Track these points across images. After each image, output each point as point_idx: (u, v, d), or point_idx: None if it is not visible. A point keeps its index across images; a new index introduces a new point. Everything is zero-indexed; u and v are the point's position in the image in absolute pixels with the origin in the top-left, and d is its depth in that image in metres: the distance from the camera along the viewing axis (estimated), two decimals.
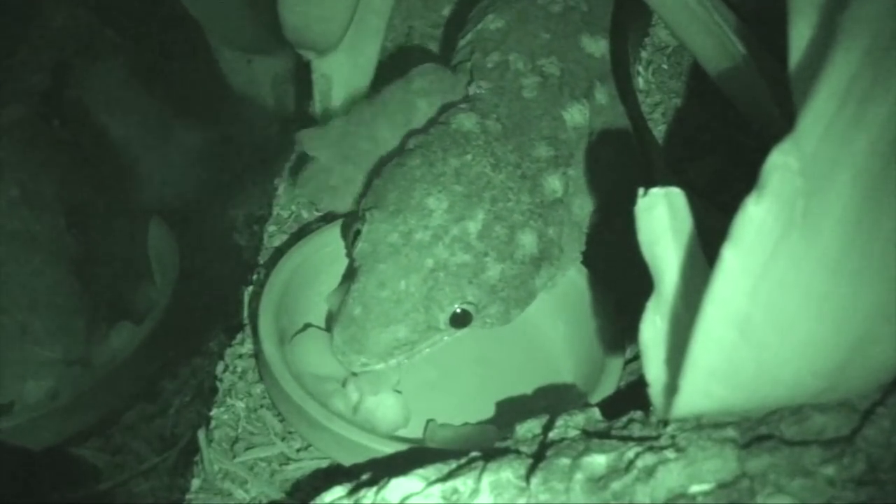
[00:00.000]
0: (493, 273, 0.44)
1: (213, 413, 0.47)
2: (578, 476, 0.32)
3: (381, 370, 0.44)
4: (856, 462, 0.30)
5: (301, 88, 0.59)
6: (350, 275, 0.46)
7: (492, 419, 0.46)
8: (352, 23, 0.55)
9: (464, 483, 0.33)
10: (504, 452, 0.34)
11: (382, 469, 0.36)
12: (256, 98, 0.56)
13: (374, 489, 0.34)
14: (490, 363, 0.49)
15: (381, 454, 0.43)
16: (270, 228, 0.55)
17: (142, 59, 0.45)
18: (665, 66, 0.64)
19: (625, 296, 0.47)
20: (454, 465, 0.34)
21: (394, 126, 0.50)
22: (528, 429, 0.36)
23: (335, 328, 0.44)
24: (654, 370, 0.32)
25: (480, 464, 0.34)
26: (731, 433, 0.32)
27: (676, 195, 0.30)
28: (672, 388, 0.30)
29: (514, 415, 0.39)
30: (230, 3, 0.52)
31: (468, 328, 0.45)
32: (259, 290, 0.49)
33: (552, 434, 0.35)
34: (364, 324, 0.43)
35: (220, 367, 0.49)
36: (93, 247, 0.44)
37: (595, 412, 0.36)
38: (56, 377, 0.42)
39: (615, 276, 0.50)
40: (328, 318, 0.49)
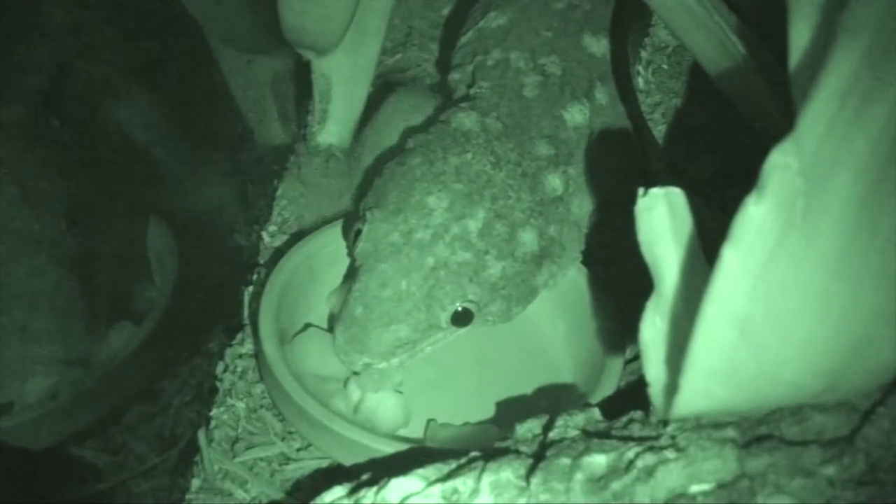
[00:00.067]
0: (494, 271, 0.44)
1: (213, 413, 0.47)
2: (578, 476, 0.32)
3: (384, 369, 0.44)
4: (856, 462, 0.30)
5: (301, 88, 0.59)
6: (351, 274, 0.46)
7: (492, 419, 0.46)
8: (352, 23, 0.55)
9: (464, 483, 0.33)
10: (504, 452, 0.34)
11: (382, 469, 0.36)
12: (256, 98, 0.56)
13: (374, 489, 0.34)
14: (490, 363, 0.49)
15: (382, 454, 0.43)
16: (270, 228, 0.55)
17: (142, 59, 0.45)
18: (665, 66, 0.64)
19: (625, 296, 0.47)
20: (454, 465, 0.34)
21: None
22: (528, 429, 0.36)
23: (337, 328, 0.44)
24: (654, 370, 0.32)
25: (480, 464, 0.34)
26: (731, 433, 0.32)
27: (676, 195, 0.30)
28: (672, 388, 0.30)
29: (514, 415, 0.39)
30: (230, 3, 0.52)
31: (470, 326, 0.45)
32: (259, 290, 0.49)
33: (552, 434, 0.35)
34: (366, 323, 0.43)
35: (220, 367, 0.49)
36: (93, 247, 0.44)
37: (595, 412, 0.36)
38: (56, 377, 0.42)
39: (615, 276, 0.50)
40: (329, 319, 0.49)
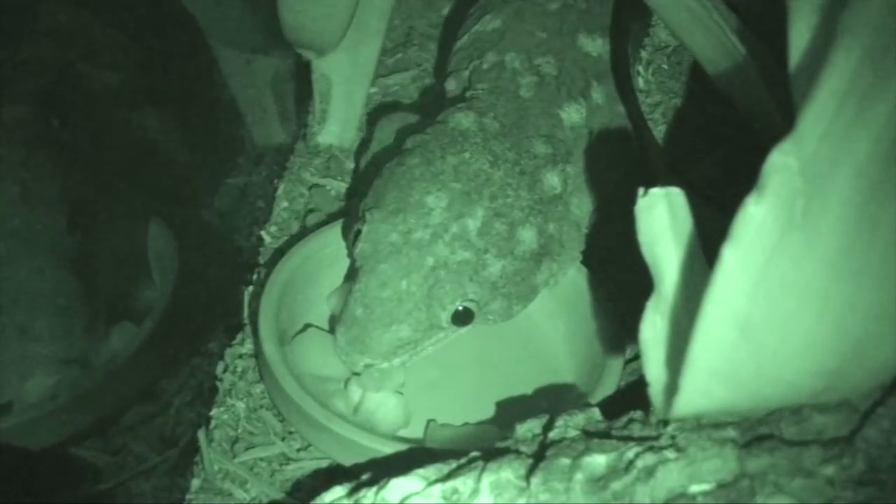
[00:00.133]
0: (494, 270, 0.44)
1: (213, 413, 0.47)
2: (578, 476, 0.32)
3: (385, 369, 0.44)
4: (856, 462, 0.30)
5: (301, 88, 0.59)
6: (351, 275, 0.46)
7: (492, 419, 0.46)
8: (352, 23, 0.55)
9: (464, 483, 0.33)
10: (504, 452, 0.34)
11: (382, 469, 0.36)
12: (256, 98, 0.56)
13: (374, 489, 0.34)
14: (490, 363, 0.49)
15: (382, 454, 0.43)
16: (271, 228, 0.55)
17: (142, 59, 0.45)
18: (665, 66, 0.64)
19: (625, 296, 0.47)
20: (454, 465, 0.34)
21: None
22: (528, 429, 0.36)
23: (338, 329, 0.44)
24: (654, 370, 0.32)
25: (480, 464, 0.34)
26: (731, 433, 0.32)
27: (676, 195, 0.30)
28: (672, 388, 0.30)
29: (515, 415, 0.39)
30: (230, 3, 0.52)
31: (471, 326, 0.45)
32: (259, 290, 0.49)
33: (552, 434, 0.35)
34: (367, 324, 0.43)
35: (220, 367, 0.49)
36: (93, 247, 0.44)
37: (595, 412, 0.36)
38: (56, 377, 0.42)
39: (615, 276, 0.50)
40: (330, 319, 0.49)
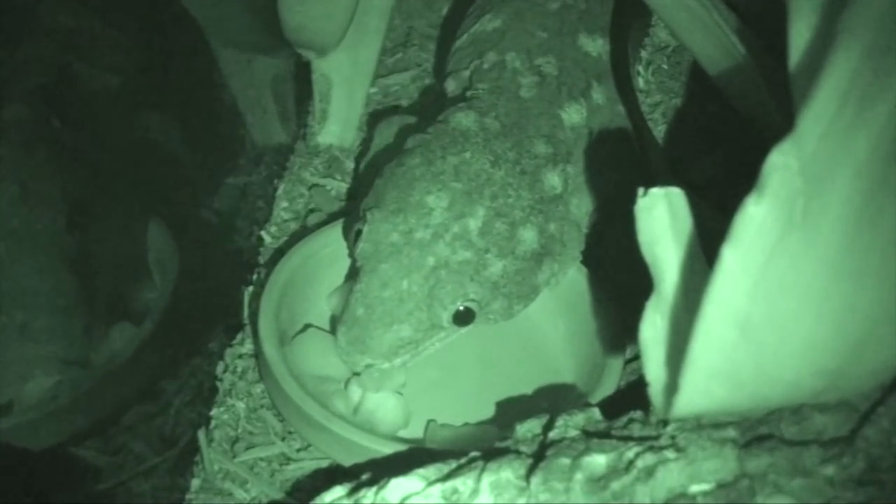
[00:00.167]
0: (495, 269, 0.44)
1: (213, 413, 0.47)
2: (578, 476, 0.32)
3: (385, 369, 0.44)
4: (856, 462, 0.30)
5: (301, 88, 0.59)
6: (352, 275, 0.46)
7: (492, 419, 0.46)
8: (352, 23, 0.55)
9: (464, 483, 0.33)
10: (504, 452, 0.34)
11: (382, 469, 0.36)
12: (256, 98, 0.56)
13: (374, 489, 0.34)
14: (490, 363, 0.49)
15: (382, 455, 0.43)
16: (271, 228, 0.55)
17: (142, 60, 0.45)
18: (665, 66, 0.64)
19: (625, 296, 0.47)
20: (454, 465, 0.34)
21: None
22: (528, 429, 0.36)
23: (339, 329, 0.44)
24: (654, 370, 0.32)
25: (480, 464, 0.34)
26: (731, 433, 0.32)
27: (676, 195, 0.30)
28: (672, 388, 0.30)
29: (515, 415, 0.39)
30: (230, 3, 0.52)
31: (472, 325, 0.45)
32: (259, 290, 0.49)
33: (552, 434, 0.35)
34: (368, 324, 0.43)
35: (220, 367, 0.49)
36: (92, 247, 0.44)
37: (595, 412, 0.36)
38: (56, 377, 0.42)
39: (615, 276, 0.50)
40: (331, 319, 0.49)
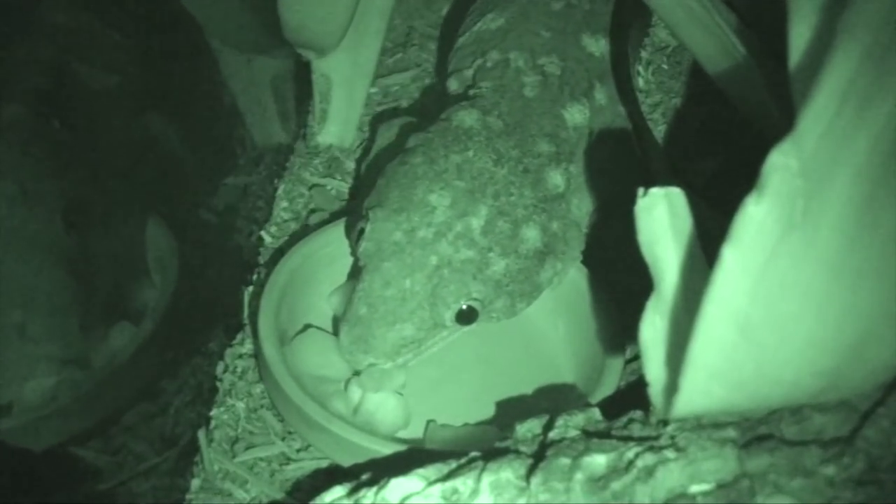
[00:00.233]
0: (498, 268, 0.44)
1: (213, 413, 0.47)
2: (578, 476, 0.32)
3: (385, 369, 0.44)
4: (856, 462, 0.30)
5: (301, 88, 0.59)
6: (354, 274, 0.46)
7: (492, 419, 0.46)
8: (352, 23, 0.55)
9: (464, 483, 0.33)
10: (504, 452, 0.34)
11: (382, 469, 0.36)
12: (256, 98, 0.56)
13: (374, 489, 0.34)
14: (490, 363, 0.49)
15: (382, 455, 0.43)
16: (271, 228, 0.55)
17: (141, 59, 0.45)
18: (665, 66, 0.64)
19: (625, 296, 0.47)
20: (454, 465, 0.34)
21: None
22: (528, 429, 0.36)
23: (342, 328, 0.44)
24: (654, 370, 0.32)
25: (480, 464, 0.34)
26: (731, 433, 0.32)
27: (676, 195, 0.30)
28: (672, 388, 0.30)
29: (515, 415, 0.39)
30: (230, 3, 0.52)
31: (474, 325, 0.45)
32: (259, 290, 0.49)
33: (552, 434, 0.35)
34: (370, 323, 0.43)
35: (220, 367, 0.49)
36: (91, 247, 0.44)
37: (595, 412, 0.36)
38: (55, 378, 0.42)
39: (615, 276, 0.50)
40: (333, 320, 0.49)
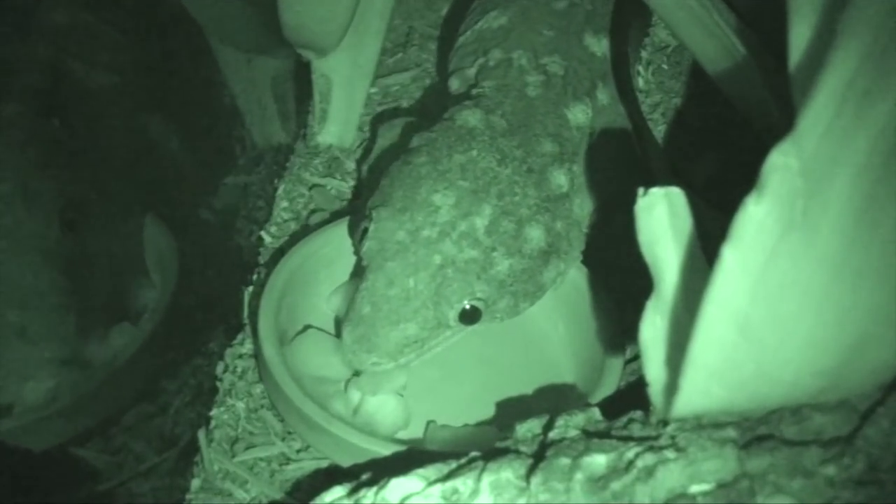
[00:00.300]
0: (502, 268, 0.44)
1: (213, 413, 0.47)
2: (578, 476, 0.32)
3: (383, 372, 0.44)
4: (856, 462, 0.30)
5: (301, 88, 0.59)
6: (357, 274, 0.46)
7: (492, 419, 0.46)
8: (352, 23, 0.55)
9: (464, 483, 0.33)
10: (504, 452, 0.34)
11: (382, 469, 0.36)
12: (256, 98, 0.56)
13: (375, 489, 0.34)
14: (490, 364, 0.49)
15: (381, 456, 0.43)
16: (271, 228, 0.55)
17: (141, 59, 0.45)
18: (665, 66, 0.64)
19: (625, 296, 0.47)
20: (454, 465, 0.34)
21: None
22: (528, 429, 0.36)
23: (345, 328, 0.43)
24: (654, 370, 0.32)
25: (480, 464, 0.34)
26: (731, 433, 0.32)
27: (676, 195, 0.30)
28: (672, 388, 0.30)
29: (515, 415, 0.39)
30: (230, 3, 0.52)
31: (478, 325, 0.44)
32: (259, 290, 0.49)
33: (552, 434, 0.35)
34: (374, 322, 0.43)
35: (220, 367, 0.49)
36: (91, 247, 0.44)
37: (595, 412, 0.36)
38: (55, 379, 0.42)
39: (615, 276, 0.50)
40: (335, 320, 0.49)
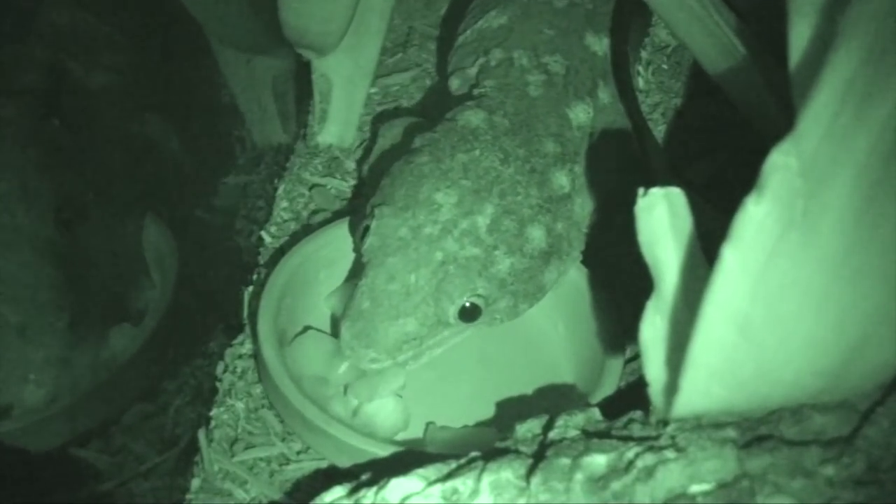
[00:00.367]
0: (503, 267, 0.44)
1: (213, 413, 0.47)
2: (578, 476, 0.32)
3: (382, 374, 0.44)
4: (856, 462, 0.30)
5: (301, 88, 0.59)
6: (356, 272, 0.46)
7: (492, 420, 0.46)
8: (352, 23, 0.55)
9: (464, 483, 0.33)
10: (504, 452, 0.34)
11: (382, 469, 0.36)
12: (256, 98, 0.56)
13: (374, 489, 0.34)
14: (490, 364, 0.49)
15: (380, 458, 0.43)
16: (271, 228, 0.55)
17: (141, 59, 0.45)
18: (665, 66, 0.64)
19: (625, 296, 0.47)
20: (454, 466, 0.34)
21: None
22: (528, 429, 0.36)
23: (343, 323, 0.43)
24: (654, 370, 0.32)
25: (480, 464, 0.34)
26: (731, 433, 0.32)
27: (676, 195, 0.30)
28: (672, 388, 0.30)
29: (515, 416, 0.39)
30: (230, 3, 0.52)
31: (476, 325, 0.44)
32: (259, 290, 0.49)
33: (552, 434, 0.35)
34: (373, 317, 0.42)
35: (220, 368, 0.49)
36: (91, 248, 0.44)
37: (595, 412, 0.36)
38: (55, 380, 0.42)
39: (615, 276, 0.50)
40: (332, 319, 0.48)
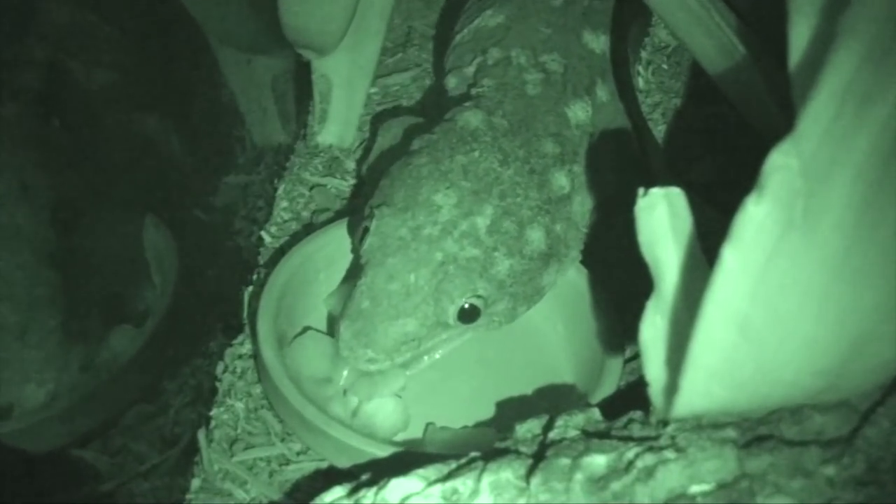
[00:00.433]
0: (502, 268, 0.44)
1: (213, 413, 0.47)
2: (578, 476, 0.32)
3: (381, 375, 0.44)
4: (856, 462, 0.30)
5: (301, 88, 0.59)
6: (355, 273, 0.46)
7: (492, 420, 0.46)
8: (352, 23, 0.55)
9: (464, 483, 0.33)
10: (504, 453, 0.34)
11: (382, 469, 0.36)
12: (256, 98, 0.56)
13: (374, 489, 0.34)
14: (490, 365, 0.49)
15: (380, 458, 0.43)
16: (271, 228, 0.55)
17: (141, 59, 0.45)
18: (665, 66, 0.64)
19: (625, 296, 0.47)
20: (454, 466, 0.34)
21: None
22: (528, 429, 0.36)
23: (342, 322, 0.43)
24: (654, 370, 0.32)
25: (480, 464, 0.34)
26: (731, 433, 0.32)
27: (676, 195, 0.30)
28: (672, 388, 0.30)
29: (514, 416, 0.39)
30: (230, 3, 0.52)
31: (475, 327, 0.44)
32: (259, 291, 0.49)
33: (552, 434, 0.35)
34: (372, 317, 0.42)
35: (220, 368, 0.49)
36: (90, 248, 0.44)
37: (595, 412, 0.36)
38: (55, 380, 0.42)
39: (615, 276, 0.50)
40: (329, 320, 0.48)
